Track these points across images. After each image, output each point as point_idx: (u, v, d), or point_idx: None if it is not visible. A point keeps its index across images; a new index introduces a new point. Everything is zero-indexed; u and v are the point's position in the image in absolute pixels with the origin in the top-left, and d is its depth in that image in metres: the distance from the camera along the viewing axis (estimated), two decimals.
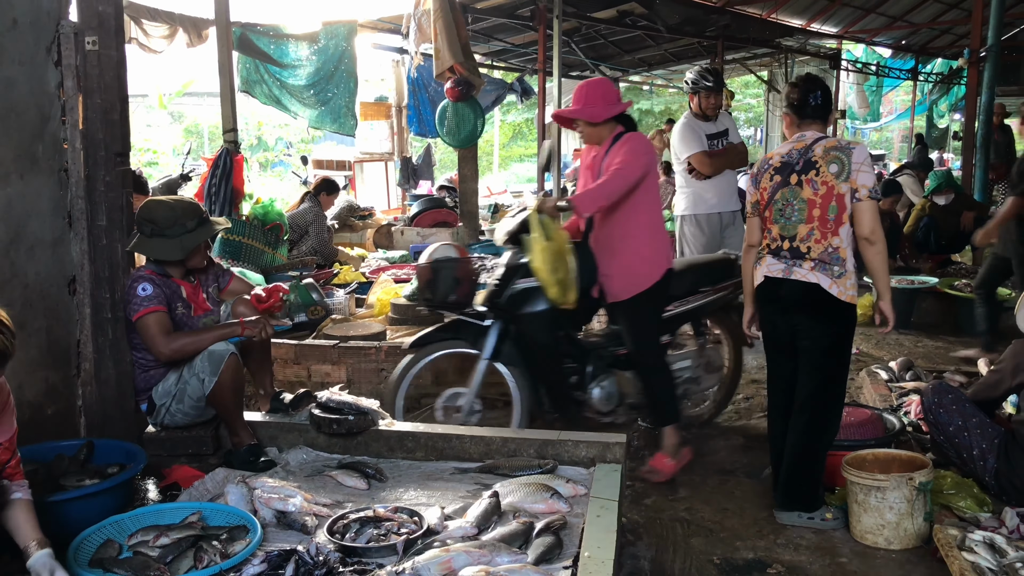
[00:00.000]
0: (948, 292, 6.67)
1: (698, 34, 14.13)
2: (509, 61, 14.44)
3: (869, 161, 3.29)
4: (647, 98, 25.68)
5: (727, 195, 5.69)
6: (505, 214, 12.53)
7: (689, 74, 5.73)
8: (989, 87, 9.07)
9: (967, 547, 2.89)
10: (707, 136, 5.58)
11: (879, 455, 3.47)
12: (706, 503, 3.63)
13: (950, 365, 5.43)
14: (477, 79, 8.80)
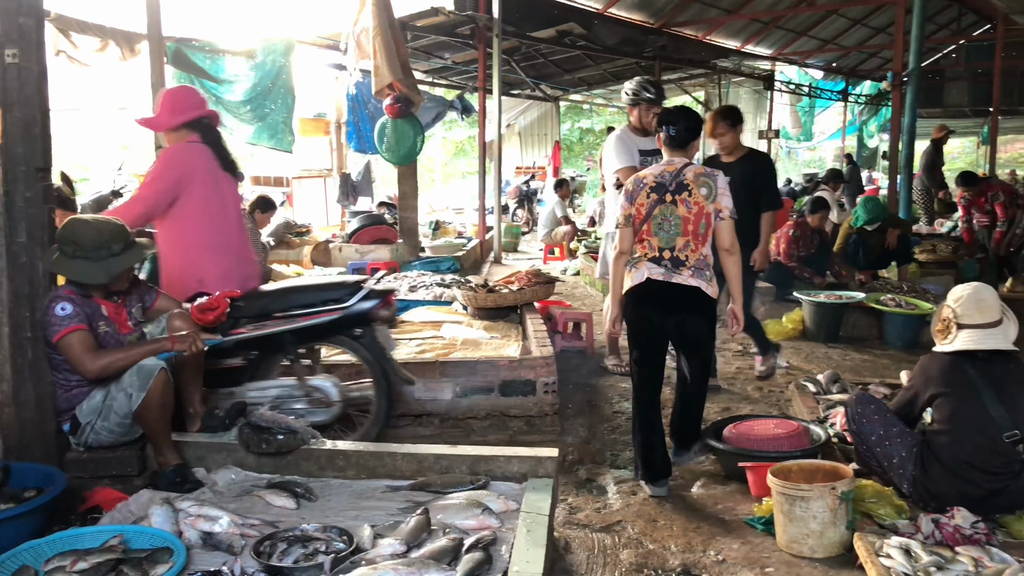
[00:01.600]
0: (874, 307, 6.87)
1: (636, 54, 14.39)
2: (450, 79, 14.51)
3: (727, 186, 3.92)
4: (587, 116, 26.00)
5: None
6: (447, 231, 12.59)
7: (630, 84, 5.72)
8: (911, 109, 9.41)
9: (884, 553, 2.98)
10: (641, 151, 5.62)
11: (804, 466, 3.55)
12: (637, 516, 3.67)
13: (876, 377, 5.58)
14: (416, 96, 8.82)
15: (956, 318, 3.47)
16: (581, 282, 9.89)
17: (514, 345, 5.43)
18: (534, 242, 13.92)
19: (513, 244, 13.47)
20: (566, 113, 25.39)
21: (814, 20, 16.33)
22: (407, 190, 9.61)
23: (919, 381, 3.56)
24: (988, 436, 3.32)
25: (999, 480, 3.30)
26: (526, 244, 14.39)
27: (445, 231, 12.13)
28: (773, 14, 15.06)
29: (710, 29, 15.04)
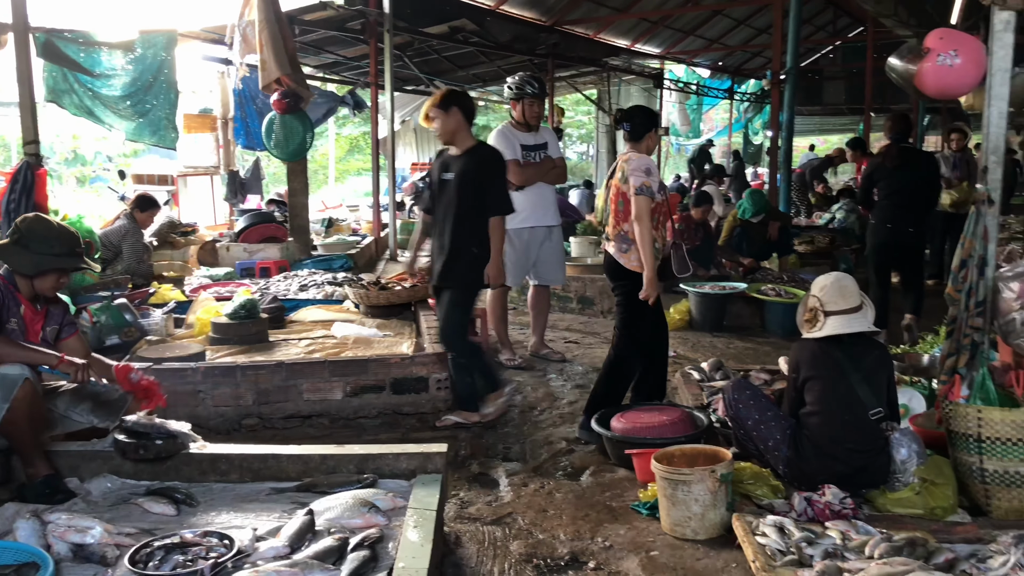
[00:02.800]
0: (756, 296, 7.14)
1: (529, 52, 14.50)
2: (341, 74, 14.27)
3: (641, 169, 4.40)
4: (483, 114, 26.02)
5: (542, 209, 5.78)
6: (341, 229, 12.39)
7: (513, 79, 5.77)
8: (790, 106, 9.81)
9: (760, 532, 3.11)
10: (524, 146, 5.68)
11: (687, 451, 3.67)
12: (528, 507, 3.71)
13: (757, 364, 5.80)
14: (305, 91, 8.66)
15: (822, 306, 3.64)
16: None
17: (407, 342, 5.40)
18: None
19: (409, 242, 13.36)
20: None
21: (700, 20, 16.84)
22: (297, 187, 9.42)
23: (793, 367, 3.72)
24: (855, 415, 3.51)
25: (865, 457, 3.48)
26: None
27: (338, 229, 11.93)
28: (661, 13, 15.44)
29: (601, 28, 15.31)
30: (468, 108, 4.71)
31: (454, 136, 4.73)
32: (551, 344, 6.40)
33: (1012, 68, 3.69)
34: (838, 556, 2.92)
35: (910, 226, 6.38)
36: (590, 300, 7.82)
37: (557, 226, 5.97)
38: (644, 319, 4.56)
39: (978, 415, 3.37)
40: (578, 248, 8.98)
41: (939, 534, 3.19)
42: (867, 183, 6.87)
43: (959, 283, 3.75)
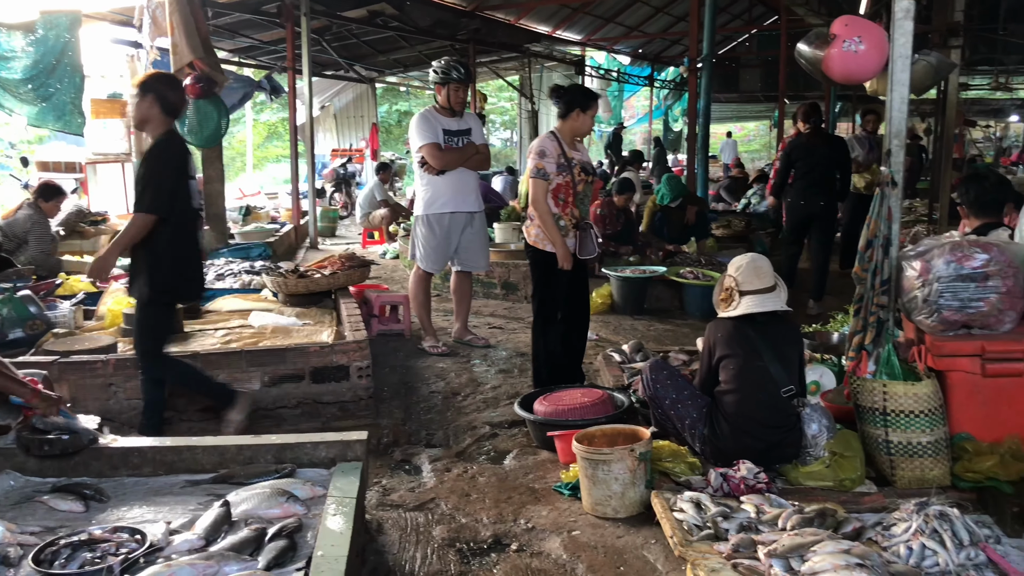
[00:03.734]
0: (675, 279, 7.27)
1: (450, 37, 14.41)
2: (258, 58, 13.96)
3: (535, 151, 4.71)
4: (405, 99, 25.82)
5: (463, 195, 5.76)
6: (259, 217, 12.13)
7: (438, 63, 5.73)
8: (706, 93, 9.98)
9: (678, 508, 3.17)
10: (447, 131, 5.65)
11: (607, 431, 3.72)
12: (451, 492, 3.71)
13: (676, 345, 5.92)
14: (220, 76, 8.41)
15: (738, 286, 3.73)
16: (400, 265, 9.84)
17: (327, 331, 5.33)
18: (353, 227, 13.69)
19: (331, 229, 13.19)
20: (383, 95, 25.08)
21: (620, 7, 16.98)
22: (212, 174, 9.17)
23: (705, 349, 3.80)
24: (768, 393, 3.61)
25: (778, 433, 3.59)
26: (345, 229, 14.14)
27: (256, 216, 11.68)
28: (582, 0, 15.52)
29: (522, 13, 15.29)
30: (167, 100, 4.04)
31: (144, 125, 4.14)
32: (475, 330, 6.40)
33: (912, 55, 3.83)
34: (752, 529, 3.00)
35: (821, 200, 7.21)
36: (514, 286, 7.84)
37: (480, 212, 5.96)
38: (546, 290, 4.82)
39: (883, 389, 3.50)
40: (502, 234, 8.99)
41: (848, 504, 3.32)
42: (786, 162, 7.40)
43: (865, 263, 3.88)
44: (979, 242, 3.67)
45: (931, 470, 3.45)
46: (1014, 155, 26.23)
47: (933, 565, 2.81)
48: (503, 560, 3.12)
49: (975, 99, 25.84)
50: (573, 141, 4.80)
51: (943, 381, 3.56)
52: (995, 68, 19.42)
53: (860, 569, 2.52)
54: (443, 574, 3.02)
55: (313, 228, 11.44)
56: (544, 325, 4.87)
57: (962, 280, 3.56)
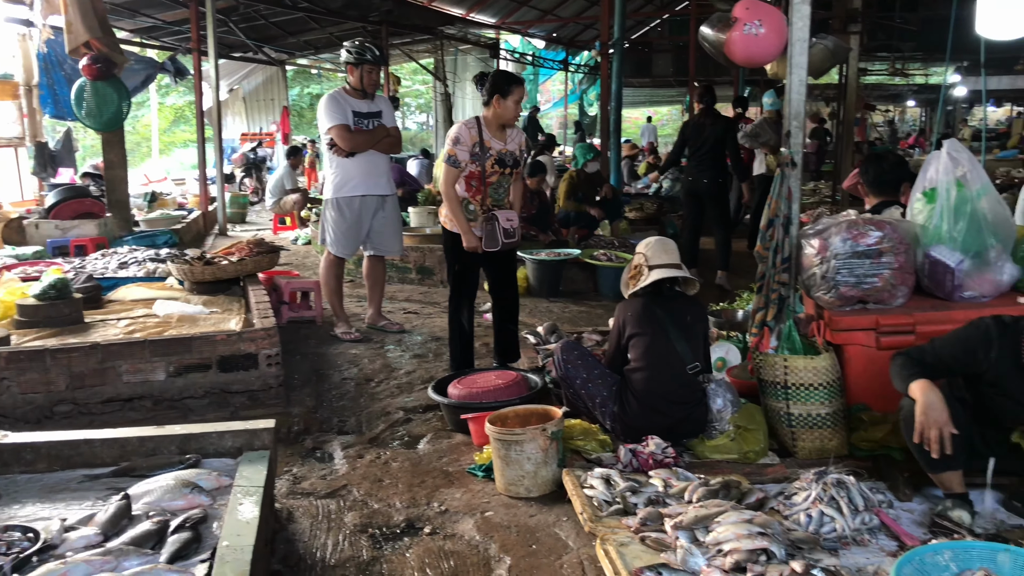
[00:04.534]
0: (589, 261, 7.36)
1: (362, 18, 14.18)
2: (161, 39, 13.47)
3: (450, 137, 4.68)
4: (317, 82, 25.33)
5: (374, 178, 5.69)
6: (166, 203, 11.75)
7: (352, 44, 5.62)
8: (618, 77, 10.09)
9: (588, 485, 3.22)
10: (357, 113, 5.57)
11: (520, 411, 3.74)
12: (363, 478, 3.67)
13: (590, 326, 5.99)
14: (119, 56, 8.10)
15: (647, 261, 3.80)
16: (313, 251, 9.67)
17: (236, 319, 5.20)
18: (264, 212, 13.39)
19: (241, 215, 12.88)
20: (294, 78, 24.57)
21: None
22: (114, 159, 8.82)
23: (614, 329, 3.86)
24: (675, 369, 3.69)
25: (685, 408, 3.67)
26: (255, 215, 13.83)
27: (163, 203, 11.31)
28: None
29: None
30: None
31: None
32: (389, 315, 6.35)
33: (810, 38, 3.94)
34: (660, 503, 3.07)
35: (705, 178, 7.57)
36: (430, 270, 7.81)
37: (392, 195, 5.89)
38: (458, 271, 4.84)
39: (784, 364, 3.62)
40: (417, 218, 8.94)
41: (752, 476, 3.42)
42: (680, 140, 7.93)
43: (767, 241, 3.99)
44: (873, 220, 3.82)
45: (830, 440, 3.59)
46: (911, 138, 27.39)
47: (831, 531, 2.93)
48: (416, 544, 3.11)
49: (875, 84, 26.84)
50: (499, 129, 4.71)
51: (841, 354, 3.71)
52: (892, 55, 20.20)
53: (761, 538, 2.60)
54: (355, 560, 2.99)
55: (222, 214, 11.14)
56: (458, 307, 4.86)
57: (857, 257, 3.70)
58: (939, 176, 3.79)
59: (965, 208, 3.70)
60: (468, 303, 4.88)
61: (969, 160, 3.77)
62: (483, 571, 2.90)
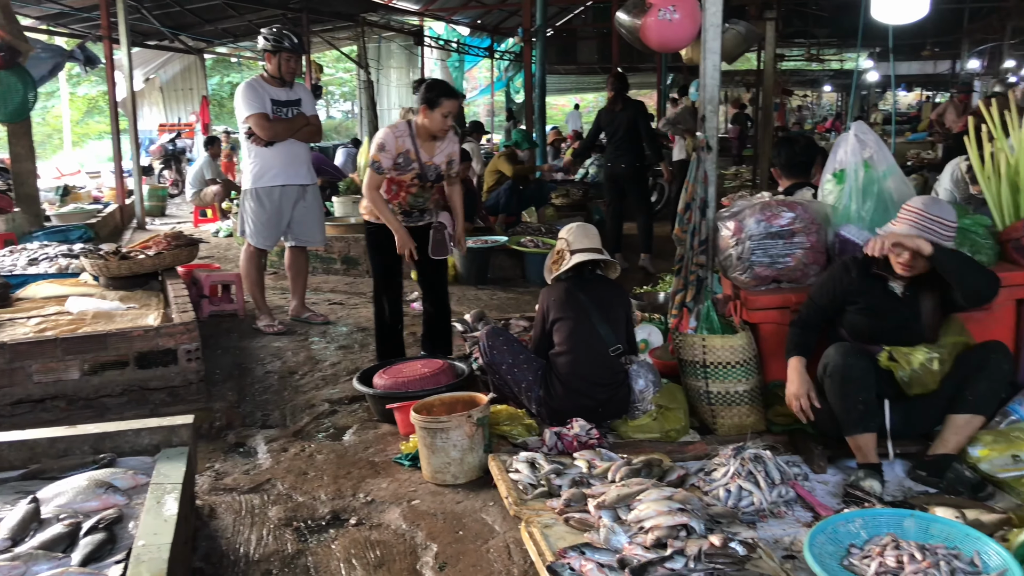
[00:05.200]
0: (516, 248, 7.39)
1: (281, 5, 13.90)
2: (69, 26, 12.96)
3: (376, 142, 4.48)
4: (237, 71, 24.74)
5: (294, 167, 5.60)
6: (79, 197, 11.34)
7: (269, 31, 5.50)
8: (541, 64, 10.10)
9: (514, 469, 3.24)
10: (275, 101, 5.47)
11: (445, 399, 3.74)
12: (288, 472, 3.63)
13: (517, 312, 6.02)
14: (23, 44, 7.79)
15: (569, 246, 3.84)
16: (235, 244, 9.47)
17: (154, 314, 5.06)
18: (185, 205, 13.05)
19: (160, 208, 12.54)
20: (214, 67, 23.96)
21: None
22: (21, 151, 8.46)
23: (539, 313, 3.89)
24: (598, 352, 3.73)
25: (608, 390, 3.72)
26: (176, 207, 13.48)
27: (76, 197, 10.90)
28: None
29: None
30: None
31: None
32: (314, 307, 6.27)
33: (723, 23, 4.01)
34: (584, 483, 3.11)
35: (623, 162, 7.73)
36: (355, 260, 7.73)
37: (312, 185, 5.81)
38: (381, 262, 4.78)
39: (703, 343, 3.70)
40: (341, 207, 8.83)
41: (674, 454, 3.50)
42: (594, 127, 8.07)
43: (684, 224, 4.07)
44: (786, 201, 3.92)
45: (748, 417, 3.68)
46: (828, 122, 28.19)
47: (749, 505, 3.02)
48: (342, 535, 3.08)
49: (793, 70, 27.54)
50: (429, 138, 4.54)
51: (757, 333, 3.80)
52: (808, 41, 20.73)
53: (681, 514, 2.66)
54: (279, 554, 2.96)
55: (140, 207, 10.83)
56: (383, 297, 4.82)
57: (771, 237, 3.80)
58: (848, 158, 3.92)
59: (872, 188, 3.83)
60: (394, 293, 4.84)
61: (875, 142, 3.90)
62: (409, 559, 2.89)
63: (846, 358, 3.19)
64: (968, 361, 3.24)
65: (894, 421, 3.27)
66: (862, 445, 3.21)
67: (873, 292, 3.36)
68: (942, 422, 3.28)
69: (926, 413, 3.31)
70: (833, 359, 3.21)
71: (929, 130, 16.70)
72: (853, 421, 3.19)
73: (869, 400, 3.20)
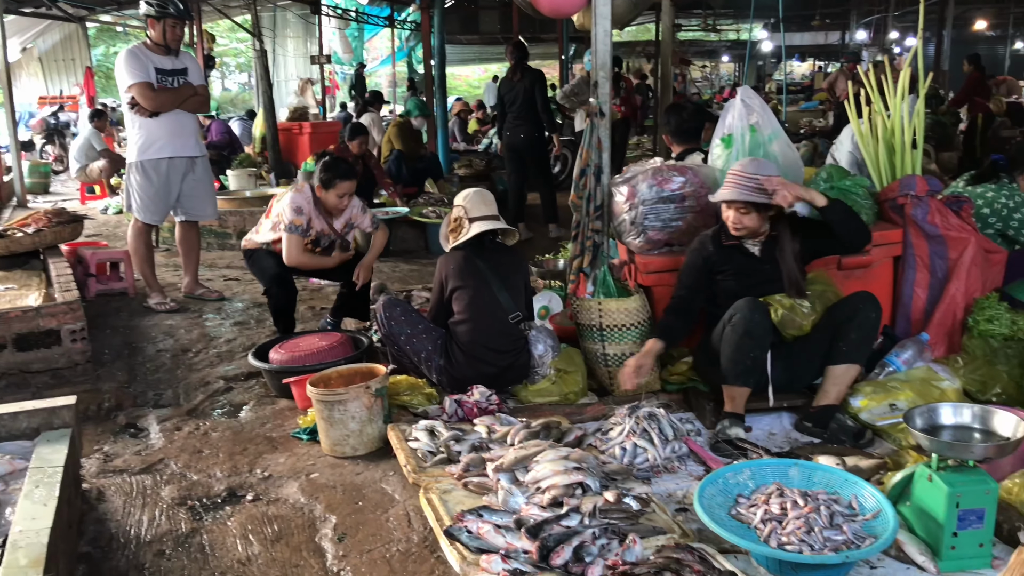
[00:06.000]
0: (418, 219, 7.32)
1: None
2: None
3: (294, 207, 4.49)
4: (124, 41, 23.61)
5: (182, 138, 5.40)
6: None
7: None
8: (440, 33, 9.99)
9: (413, 437, 3.24)
10: (160, 70, 5.25)
11: (343, 372, 3.69)
12: (181, 451, 3.53)
13: (420, 284, 5.98)
14: None
15: (467, 213, 3.82)
16: (124, 220, 9.08)
17: (35, 294, 4.85)
18: (70, 181, 12.43)
19: (43, 185, 11.91)
20: (98, 36, 22.83)
21: None
22: None
23: (436, 281, 3.87)
24: (498, 319, 3.75)
25: (508, 356, 3.75)
26: (60, 184, 12.84)
27: None
28: None
29: None
30: None
31: None
32: (208, 283, 6.09)
33: None
34: (483, 448, 3.13)
35: (522, 132, 7.77)
36: None
37: (202, 157, 5.60)
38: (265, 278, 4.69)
39: (599, 307, 3.75)
40: (236, 181, 8.58)
41: (572, 416, 3.55)
42: (499, 98, 8.04)
43: (580, 191, 4.10)
44: (676, 166, 4.00)
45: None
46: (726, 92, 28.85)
47: (644, 461, 3.09)
48: (238, 511, 3.02)
49: (692, 40, 28.04)
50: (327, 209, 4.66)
51: (651, 295, 3.88)
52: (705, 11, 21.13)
53: (577, 472, 2.71)
54: (173, 533, 2.87)
55: (20, 185, 10.27)
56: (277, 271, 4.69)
57: (663, 202, 3.88)
58: (735, 122, 4.01)
59: (759, 152, 3.93)
60: (287, 287, 4.70)
61: (761, 106, 4.00)
62: (308, 532, 2.86)
63: (753, 314, 3.27)
64: (839, 312, 3.39)
65: (776, 373, 3.40)
66: (736, 396, 3.34)
67: (733, 258, 3.53)
68: (822, 374, 3.43)
69: (806, 365, 3.46)
70: (741, 311, 3.28)
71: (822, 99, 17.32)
72: (737, 373, 3.30)
73: (759, 359, 3.32)
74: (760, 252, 3.51)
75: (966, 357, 3.59)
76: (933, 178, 4.15)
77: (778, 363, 3.41)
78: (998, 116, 11.54)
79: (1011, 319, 3.64)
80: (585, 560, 2.30)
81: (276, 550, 2.74)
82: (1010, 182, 4.27)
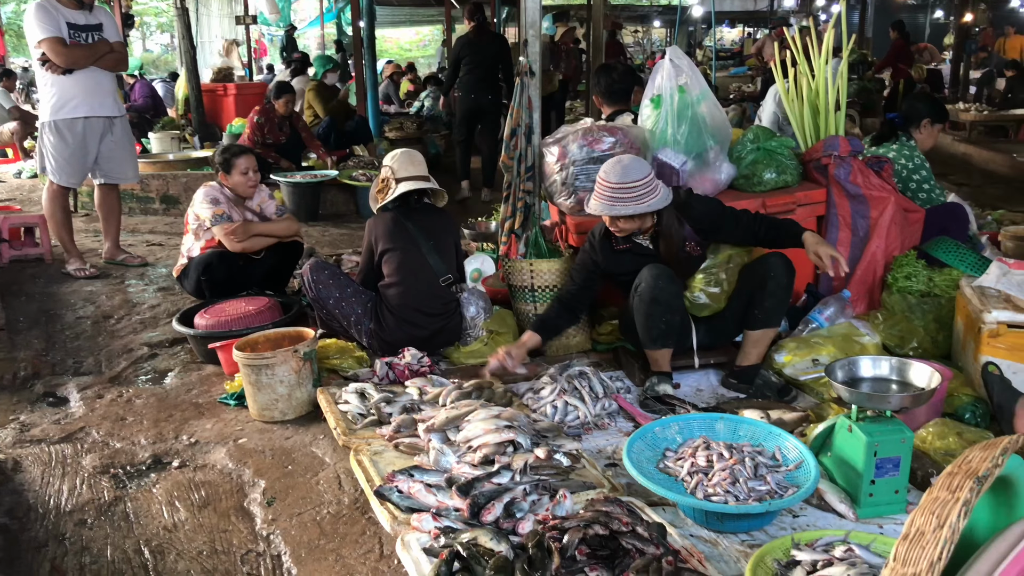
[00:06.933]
0: (348, 183, 7.20)
1: None
2: None
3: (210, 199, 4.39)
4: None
5: (99, 97, 5.18)
6: None
7: None
8: None
9: (343, 400, 3.20)
10: (72, 25, 5.02)
11: (271, 336, 3.62)
12: (103, 418, 3.43)
13: (350, 248, 5.90)
14: None
15: (394, 174, 3.77)
16: (40, 184, 8.72)
17: None
18: None
19: None
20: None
21: None
22: None
23: (369, 243, 3.81)
24: (428, 282, 3.72)
25: (440, 319, 3.73)
26: None
27: None
28: None
29: None
30: None
31: None
32: (131, 248, 5.90)
33: None
34: (415, 410, 3.12)
35: (488, 94, 7.70)
36: (175, 199, 7.31)
37: (121, 117, 5.40)
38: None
39: (530, 268, 3.76)
40: (159, 144, 8.30)
41: (504, 377, 3.55)
42: (455, 59, 7.91)
43: (511, 151, 4.08)
44: (607, 126, 4.00)
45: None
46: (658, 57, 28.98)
47: (574, 419, 3.12)
48: (164, 478, 2.95)
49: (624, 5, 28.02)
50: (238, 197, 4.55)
51: None
52: None
53: (508, 430, 2.72)
54: (94, 502, 2.80)
55: None
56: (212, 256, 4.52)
57: (593, 162, 3.88)
58: (664, 83, 4.03)
59: (687, 112, 3.96)
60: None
61: (689, 66, 4.02)
62: (237, 497, 2.81)
63: (657, 281, 3.25)
64: (753, 276, 3.38)
65: (699, 336, 3.46)
66: (658, 358, 3.39)
67: (628, 259, 3.44)
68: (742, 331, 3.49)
69: (726, 327, 3.52)
70: (646, 280, 3.27)
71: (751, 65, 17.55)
72: (652, 338, 3.32)
73: (672, 322, 3.30)
74: (653, 245, 3.45)
75: (885, 313, 3.70)
76: (855, 139, 4.24)
77: (700, 327, 3.46)
78: (918, 83, 11.87)
79: (928, 276, 3.76)
80: (516, 516, 2.31)
81: (203, 516, 2.70)
82: (908, 139, 4.41)
